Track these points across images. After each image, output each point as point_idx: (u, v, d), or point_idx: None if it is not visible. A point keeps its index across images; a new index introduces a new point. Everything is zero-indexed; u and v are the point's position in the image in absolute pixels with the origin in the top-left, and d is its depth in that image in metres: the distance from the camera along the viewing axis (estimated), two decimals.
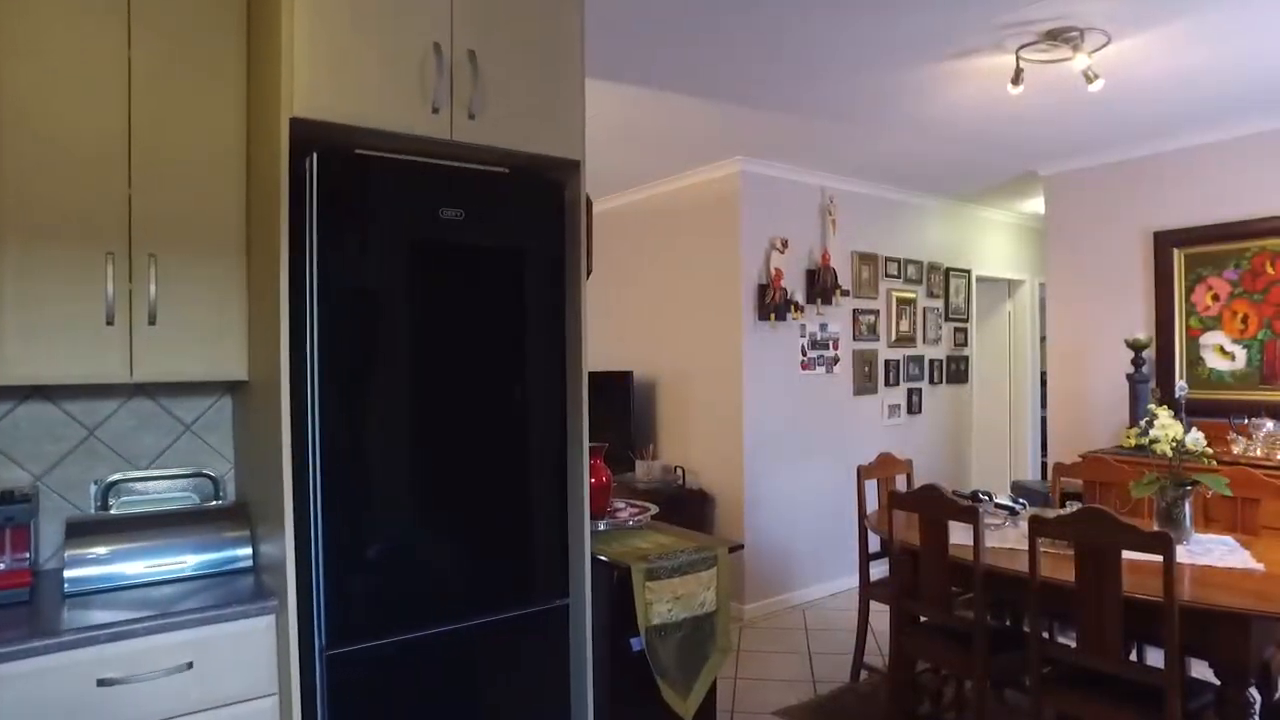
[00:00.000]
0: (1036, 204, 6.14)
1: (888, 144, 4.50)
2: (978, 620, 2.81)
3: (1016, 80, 3.12)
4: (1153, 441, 3.01)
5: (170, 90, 2.06)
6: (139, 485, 2.28)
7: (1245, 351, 4.33)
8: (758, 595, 4.85)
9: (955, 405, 6.26)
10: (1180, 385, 4.40)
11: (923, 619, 3.17)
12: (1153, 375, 4.50)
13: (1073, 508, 3.20)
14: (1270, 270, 4.24)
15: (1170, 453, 2.93)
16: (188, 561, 2.04)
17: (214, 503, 2.35)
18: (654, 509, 2.81)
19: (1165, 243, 4.58)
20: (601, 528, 2.63)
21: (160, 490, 2.31)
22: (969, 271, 6.33)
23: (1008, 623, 3.57)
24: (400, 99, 1.95)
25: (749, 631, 4.57)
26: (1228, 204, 4.36)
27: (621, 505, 2.85)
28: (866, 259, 5.48)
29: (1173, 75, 3.45)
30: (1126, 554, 2.39)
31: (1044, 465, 7.02)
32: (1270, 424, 4.00)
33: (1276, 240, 4.20)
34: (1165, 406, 3.13)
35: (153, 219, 2.04)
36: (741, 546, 2.62)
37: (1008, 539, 3.12)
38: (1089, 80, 3.11)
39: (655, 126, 4.14)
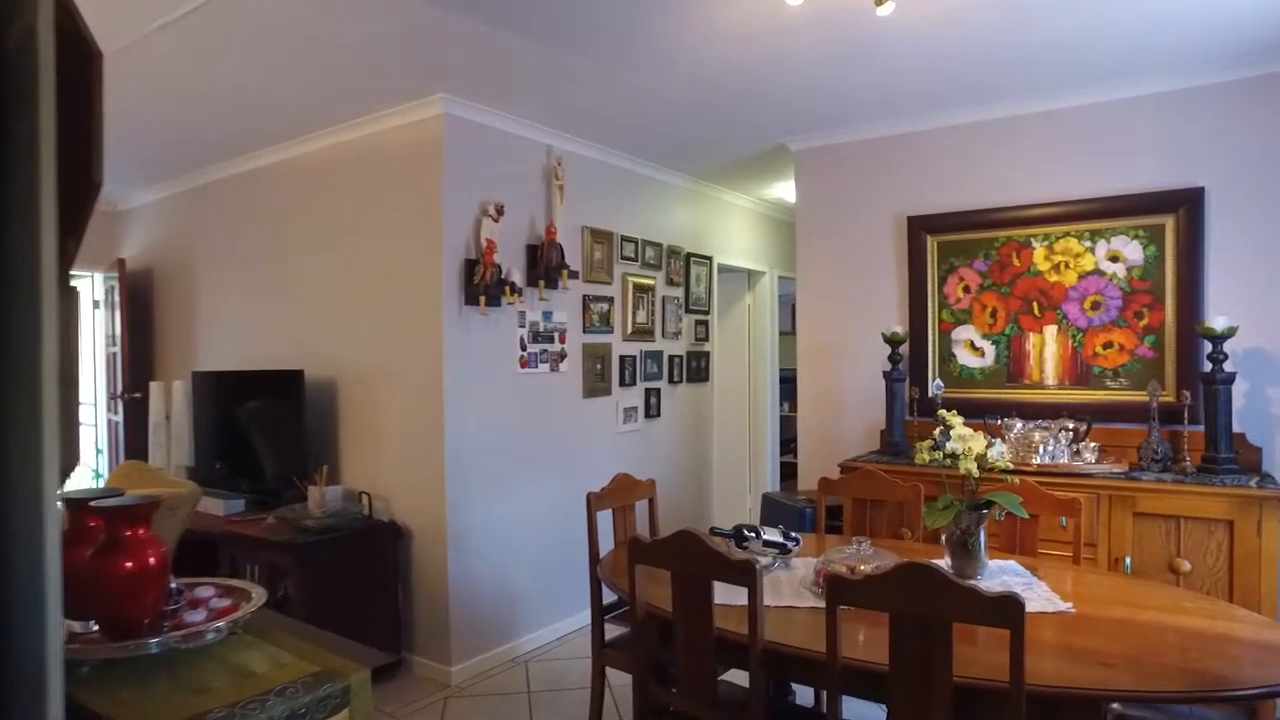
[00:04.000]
0: (781, 190, 5.69)
1: (626, 88, 3.64)
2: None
3: None
4: (949, 456, 2.41)
5: None
6: None
7: (994, 347, 4.04)
8: (467, 653, 3.80)
9: (696, 407, 5.63)
10: (936, 384, 4.02)
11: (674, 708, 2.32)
12: (908, 373, 4.08)
13: (861, 546, 2.55)
14: (1016, 262, 3.96)
15: (975, 471, 2.33)
16: None
17: None
18: (261, 596, 1.69)
19: (918, 229, 4.20)
20: (153, 650, 1.48)
21: None
22: (710, 259, 5.73)
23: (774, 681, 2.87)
24: None
25: (456, 703, 3.52)
26: (978, 190, 4.05)
27: (207, 593, 1.70)
28: (600, 237, 4.64)
29: (953, 24, 2.92)
30: None
31: (783, 467, 6.68)
32: (1020, 425, 3.70)
33: (1023, 230, 3.93)
34: (955, 411, 2.54)
35: None
36: (398, 661, 1.59)
37: (782, 591, 2.37)
38: (879, 2, 2.45)
39: (326, 33, 2.97)
